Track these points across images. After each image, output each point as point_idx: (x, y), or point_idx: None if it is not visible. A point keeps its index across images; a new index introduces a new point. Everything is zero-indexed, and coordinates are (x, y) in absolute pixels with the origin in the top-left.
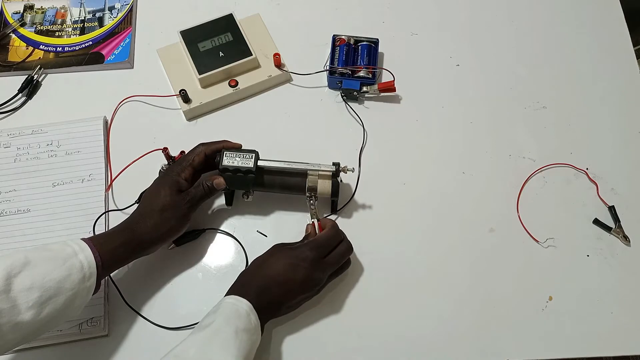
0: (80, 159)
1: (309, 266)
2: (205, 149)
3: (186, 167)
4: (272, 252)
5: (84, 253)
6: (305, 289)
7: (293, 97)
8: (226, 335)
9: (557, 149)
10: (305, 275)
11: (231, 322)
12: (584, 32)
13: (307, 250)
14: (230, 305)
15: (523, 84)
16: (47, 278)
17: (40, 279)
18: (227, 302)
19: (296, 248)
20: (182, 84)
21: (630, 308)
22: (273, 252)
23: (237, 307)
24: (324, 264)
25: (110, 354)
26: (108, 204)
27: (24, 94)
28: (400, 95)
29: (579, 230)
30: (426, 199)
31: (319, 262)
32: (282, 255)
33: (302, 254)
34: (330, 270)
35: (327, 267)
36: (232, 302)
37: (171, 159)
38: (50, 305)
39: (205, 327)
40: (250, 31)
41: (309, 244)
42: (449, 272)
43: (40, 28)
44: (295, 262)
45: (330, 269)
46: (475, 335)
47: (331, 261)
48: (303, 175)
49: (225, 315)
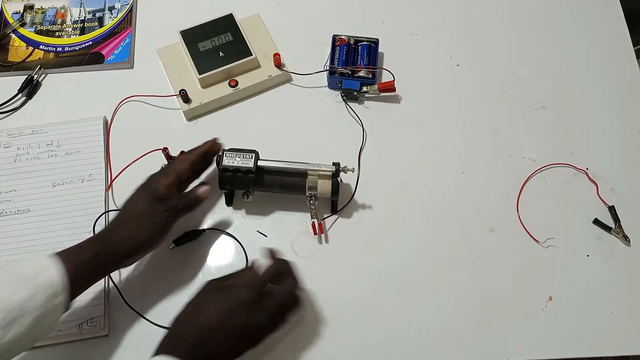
0: (80, 159)
1: (246, 311)
2: (190, 156)
3: (169, 174)
4: (205, 295)
5: (51, 270)
6: (244, 338)
7: (293, 97)
8: None
9: (557, 149)
10: (243, 322)
11: None
12: (584, 32)
13: (243, 291)
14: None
15: (523, 84)
16: (9, 300)
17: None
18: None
19: (231, 290)
20: (182, 84)
21: (630, 308)
22: (207, 294)
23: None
24: (266, 304)
25: (110, 354)
26: (108, 204)
27: (24, 94)
28: (400, 95)
29: (579, 230)
30: (426, 199)
31: (258, 303)
32: (216, 300)
33: (238, 297)
34: (272, 312)
35: (268, 309)
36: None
37: (171, 158)
38: (16, 327)
39: None
40: (250, 31)
41: (245, 284)
42: (448, 272)
43: (40, 28)
44: (230, 307)
45: (273, 310)
46: (475, 335)
47: (275, 301)
48: (303, 175)
49: None
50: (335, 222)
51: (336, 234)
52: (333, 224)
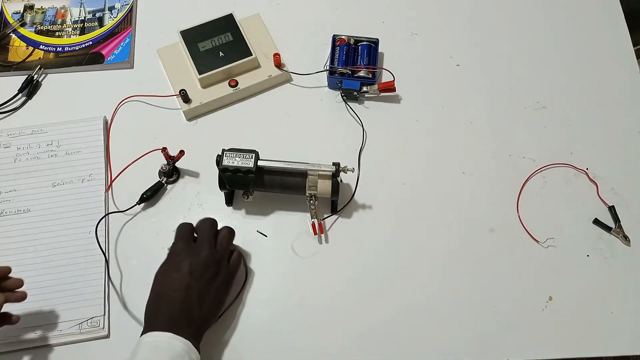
0: (80, 159)
1: (186, 256)
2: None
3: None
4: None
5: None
6: (202, 275)
7: (293, 97)
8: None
9: (557, 149)
10: (190, 264)
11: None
12: (584, 32)
13: (174, 247)
14: (147, 345)
15: (523, 84)
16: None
17: None
18: (143, 342)
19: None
20: (182, 84)
21: (630, 308)
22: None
23: (155, 343)
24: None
25: (110, 354)
26: (108, 205)
27: (24, 94)
28: (400, 95)
29: (579, 230)
30: (426, 199)
31: (192, 247)
32: (164, 269)
33: (173, 251)
34: (208, 244)
35: (202, 243)
36: (148, 340)
37: (171, 158)
38: None
39: None
40: (250, 31)
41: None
42: (449, 272)
43: (40, 28)
44: (174, 264)
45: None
46: (475, 335)
47: (203, 237)
48: (303, 175)
49: (144, 358)
50: (335, 222)
51: (336, 234)
52: (333, 224)
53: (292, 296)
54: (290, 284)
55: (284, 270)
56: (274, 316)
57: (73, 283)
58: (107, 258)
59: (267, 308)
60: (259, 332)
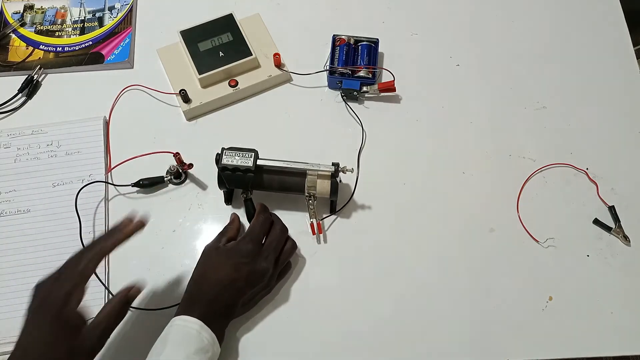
0: (80, 159)
1: (250, 260)
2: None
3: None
4: (209, 257)
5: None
6: (253, 283)
7: (293, 97)
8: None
9: (557, 149)
10: (249, 271)
11: (181, 349)
12: (584, 32)
13: (244, 244)
14: (179, 329)
15: (523, 84)
16: None
17: None
18: (176, 324)
19: (233, 246)
20: (182, 84)
21: (630, 308)
22: (209, 256)
23: (187, 328)
24: (265, 252)
25: (110, 354)
26: (108, 205)
27: (24, 94)
28: (400, 95)
29: (579, 230)
30: (426, 199)
31: (259, 252)
32: (222, 258)
33: (241, 250)
34: (273, 256)
35: (268, 254)
36: (181, 324)
37: (181, 164)
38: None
39: (156, 358)
40: (250, 31)
41: (245, 238)
42: (449, 272)
43: (40, 28)
44: (236, 260)
45: (273, 255)
46: (475, 335)
47: (270, 247)
48: (302, 175)
49: (175, 342)
50: (334, 222)
51: (335, 234)
52: (332, 224)
53: (291, 295)
54: (289, 284)
55: None
56: (272, 315)
57: None
58: (107, 258)
59: (265, 307)
60: (257, 331)
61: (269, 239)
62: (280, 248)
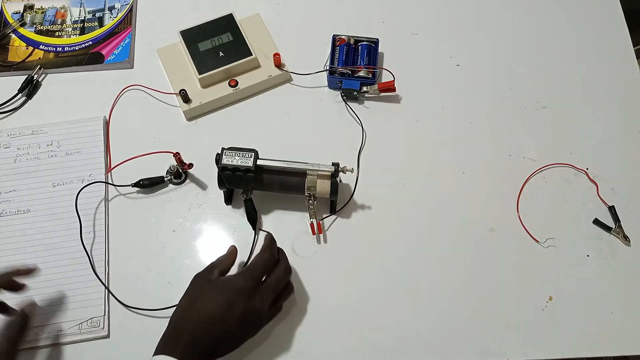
0: (80, 159)
1: (246, 299)
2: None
3: None
4: (199, 287)
5: None
6: (245, 324)
7: (293, 97)
8: None
9: (557, 149)
10: (243, 310)
11: None
12: (584, 32)
13: (242, 280)
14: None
15: (523, 84)
16: None
17: None
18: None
19: (228, 280)
20: (182, 84)
21: (630, 308)
22: (200, 285)
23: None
24: (263, 291)
25: (110, 354)
26: (108, 205)
27: (24, 94)
28: (400, 95)
29: (579, 230)
30: (426, 199)
31: (256, 290)
32: (214, 291)
33: (238, 286)
34: (270, 297)
35: (266, 294)
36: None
37: (181, 163)
38: None
39: None
40: (250, 31)
41: (244, 273)
42: (448, 272)
43: (40, 28)
44: (230, 296)
45: (271, 296)
46: (475, 335)
47: (270, 287)
48: (302, 175)
49: None
50: (334, 222)
51: (335, 234)
52: (332, 224)
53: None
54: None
55: None
56: None
57: (73, 283)
58: (108, 258)
59: None
60: None
61: (271, 277)
62: (280, 290)
